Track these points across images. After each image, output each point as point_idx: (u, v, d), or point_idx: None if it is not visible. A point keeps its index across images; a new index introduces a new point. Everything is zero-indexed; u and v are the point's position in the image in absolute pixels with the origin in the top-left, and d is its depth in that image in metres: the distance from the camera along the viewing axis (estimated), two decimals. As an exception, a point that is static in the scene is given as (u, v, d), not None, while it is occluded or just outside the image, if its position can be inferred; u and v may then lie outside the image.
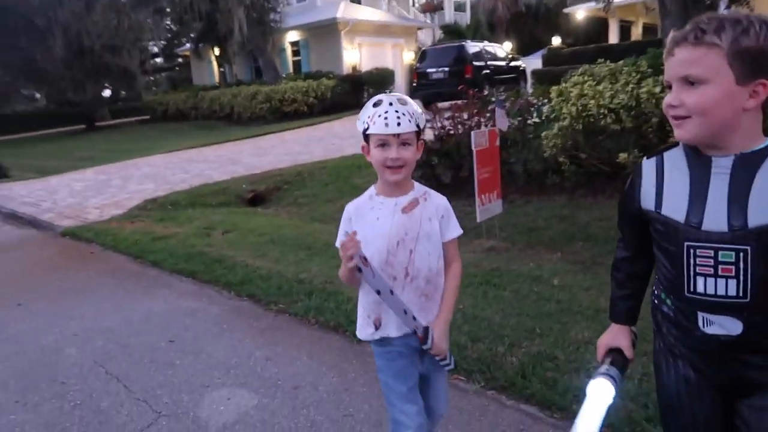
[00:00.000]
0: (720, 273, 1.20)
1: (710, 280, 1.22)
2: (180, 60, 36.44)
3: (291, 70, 26.01)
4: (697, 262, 1.23)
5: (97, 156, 15.08)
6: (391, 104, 1.66)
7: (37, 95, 34.26)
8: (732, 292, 1.20)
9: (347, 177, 8.94)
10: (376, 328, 1.78)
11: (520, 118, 7.36)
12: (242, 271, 4.72)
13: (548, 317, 3.45)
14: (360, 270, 1.61)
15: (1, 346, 3.72)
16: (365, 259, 1.60)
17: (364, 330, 1.83)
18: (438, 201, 1.82)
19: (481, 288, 4.01)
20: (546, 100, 7.08)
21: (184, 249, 5.50)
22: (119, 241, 6.05)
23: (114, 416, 2.78)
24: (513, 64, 19.04)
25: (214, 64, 28.74)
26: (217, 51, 26.52)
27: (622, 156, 5.97)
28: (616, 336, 1.49)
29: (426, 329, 1.74)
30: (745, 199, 1.16)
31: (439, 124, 7.35)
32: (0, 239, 7.05)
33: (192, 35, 27.54)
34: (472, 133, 5.12)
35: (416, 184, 1.82)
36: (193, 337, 3.65)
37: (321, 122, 17.42)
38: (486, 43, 19.35)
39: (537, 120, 7.47)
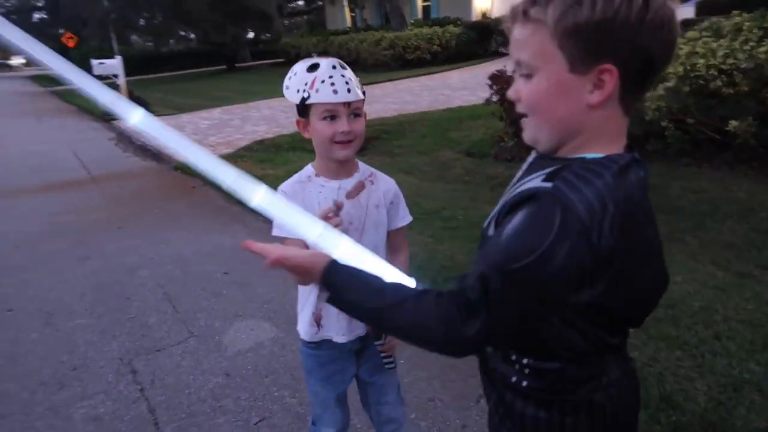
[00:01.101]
0: None
1: None
2: (320, 3, 37.31)
3: (420, 15, 25.75)
4: None
5: (229, 96, 16.20)
6: (334, 68, 1.41)
7: (192, 36, 37.14)
8: None
9: (446, 130, 8.89)
10: (318, 326, 1.59)
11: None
12: (310, 214, 5.00)
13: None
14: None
15: (94, 261, 4.36)
16: None
17: (307, 328, 1.61)
18: (387, 185, 1.60)
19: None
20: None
21: (268, 189, 5.91)
22: (217, 178, 6.61)
23: (155, 331, 3.22)
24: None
25: (347, 8, 29.19)
26: (349, -5, 26.96)
27: (733, 123, 5.39)
28: None
29: None
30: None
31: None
32: (125, 169, 8.01)
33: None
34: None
35: (361, 165, 1.60)
36: (246, 271, 4.01)
37: (440, 71, 17.21)
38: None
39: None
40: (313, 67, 1.42)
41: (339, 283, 0.99)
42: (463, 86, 13.20)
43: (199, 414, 2.47)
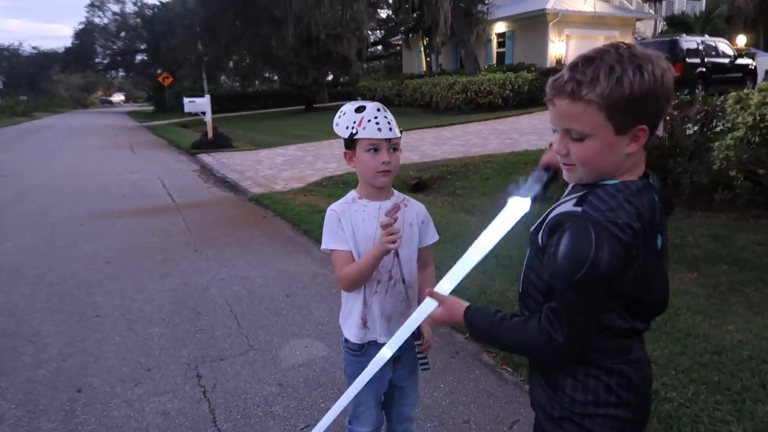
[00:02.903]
0: None
1: None
2: (398, 48, 38.54)
3: (494, 61, 26.17)
4: None
5: (305, 135, 17.02)
6: (379, 110, 1.68)
7: (276, 77, 39.26)
8: None
9: (510, 173, 9.00)
10: (366, 327, 1.81)
11: (696, 126, 6.76)
12: (370, 247, 5.26)
13: (629, 332, 3.37)
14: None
15: (172, 278, 4.78)
16: None
17: (356, 331, 1.82)
18: (418, 207, 1.85)
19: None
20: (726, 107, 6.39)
21: (333, 222, 6.24)
22: (287, 210, 7.05)
23: (220, 342, 3.53)
24: (740, 62, 16.80)
25: (423, 53, 30.03)
26: (426, 41, 27.75)
27: (805, 176, 5.26)
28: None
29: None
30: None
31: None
32: (205, 198, 8.64)
33: (408, 26, 29.15)
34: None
35: (395, 191, 1.84)
36: (305, 295, 4.29)
37: (511, 116, 17.38)
38: (707, 37, 17.35)
39: (723, 128, 6.76)
40: (360, 109, 1.69)
41: (476, 320, 1.35)
42: (532, 131, 13.29)
43: (253, 416, 2.72)
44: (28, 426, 2.72)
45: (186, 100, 14.76)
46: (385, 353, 1.51)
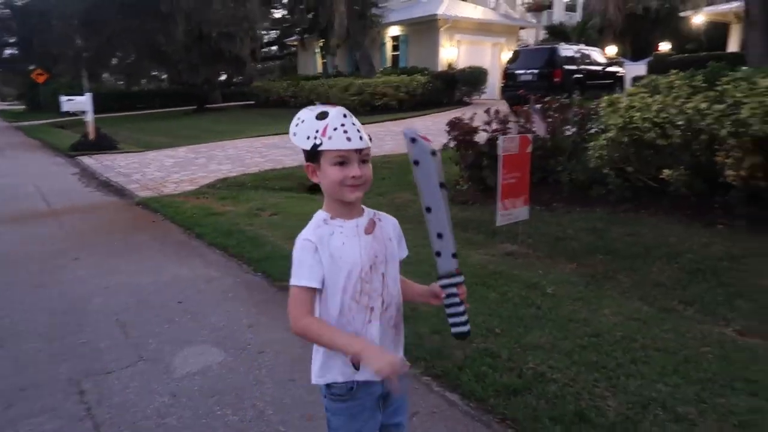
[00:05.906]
0: None
1: None
2: (293, 49, 38.08)
3: (389, 64, 26.61)
4: None
5: (197, 135, 16.36)
6: (345, 116, 1.46)
7: (164, 76, 37.39)
8: None
9: (407, 173, 9.16)
10: (356, 368, 1.50)
11: (574, 127, 7.29)
12: (267, 249, 5.16)
13: (518, 320, 3.56)
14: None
15: (50, 289, 4.42)
16: None
17: (343, 369, 1.55)
18: (391, 221, 1.67)
19: (471, 288, 4.15)
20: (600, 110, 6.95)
21: (228, 226, 6.06)
22: (179, 213, 6.75)
23: (105, 355, 3.31)
24: (610, 69, 18.33)
25: (318, 55, 29.95)
26: (321, 43, 27.69)
27: (666, 172, 5.82)
28: None
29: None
30: None
31: (494, 127, 7.42)
32: (87, 203, 8.06)
33: (304, 27, 28.87)
34: (500, 138, 5.22)
35: (363, 206, 1.62)
36: (200, 301, 4.14)
37: (406, 118, 17.75)
38: (582, 46, 18.78)
39: (597, 129, 7.32)
40: (323, 115, 1.46)
41: None
42: (426, 132, 13.37)
43: (143, 429, 2.58)
44: None
45: (63, 98, 13.68)
46: None
